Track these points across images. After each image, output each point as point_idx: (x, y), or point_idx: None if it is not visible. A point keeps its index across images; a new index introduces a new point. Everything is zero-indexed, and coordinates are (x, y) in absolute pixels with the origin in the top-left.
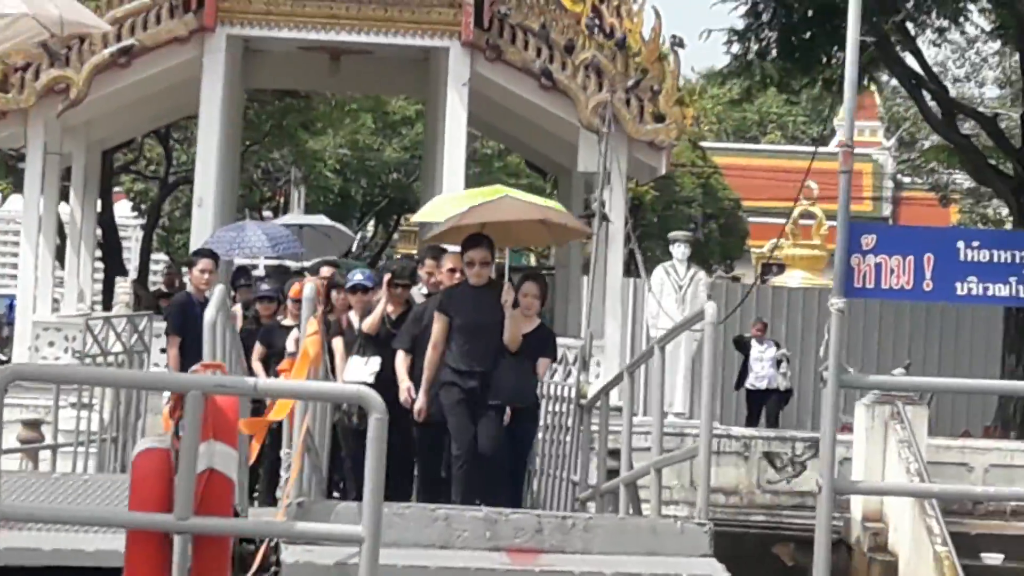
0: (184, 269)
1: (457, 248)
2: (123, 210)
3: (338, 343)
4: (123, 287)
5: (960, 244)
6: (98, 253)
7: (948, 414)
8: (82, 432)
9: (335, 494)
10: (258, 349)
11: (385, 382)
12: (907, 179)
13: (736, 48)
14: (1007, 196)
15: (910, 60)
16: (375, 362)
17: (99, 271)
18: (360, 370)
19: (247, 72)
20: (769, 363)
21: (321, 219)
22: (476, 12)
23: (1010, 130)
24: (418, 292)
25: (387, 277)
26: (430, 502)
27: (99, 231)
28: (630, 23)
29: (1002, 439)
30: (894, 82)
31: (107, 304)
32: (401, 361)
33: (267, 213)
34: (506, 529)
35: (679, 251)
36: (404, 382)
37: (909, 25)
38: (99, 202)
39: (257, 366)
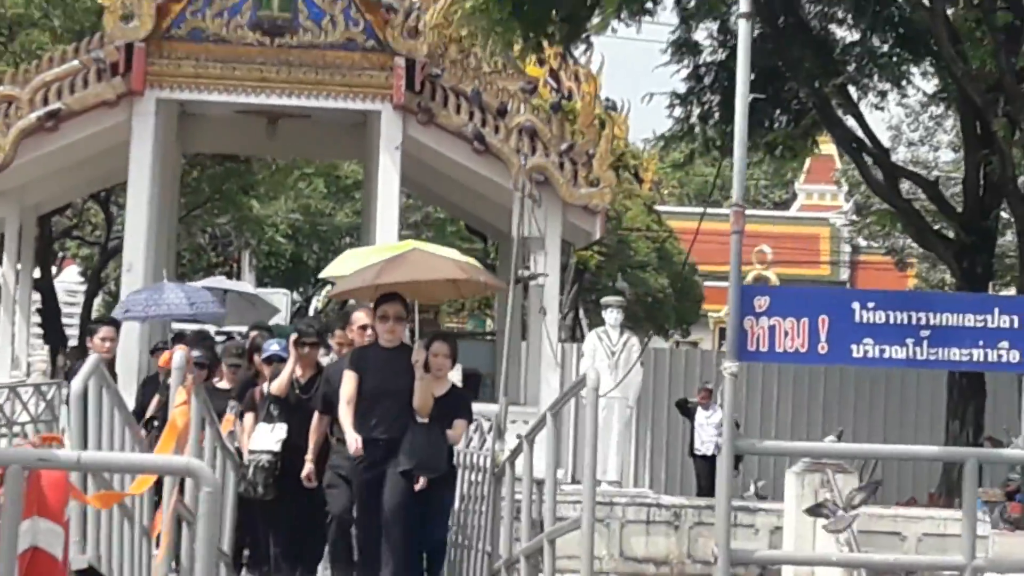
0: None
1: (367, 304)
2: (71, 276)
3: (248, 418)
4: (40, 355)
5: (855, 305)
6: (38, 319)
7: (893, 481)
8: None
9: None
10: None
11: (294, 449)
12: (864, 243)
13: (678, 112)
14: (950, 260)
15: (852, 123)
16: (281, 429)
17: (39, 337)
18: (266, 438)
19: (184, 136)
20: (715, 429)
21: (246, 286)
22: (408, 75)
23: (957, 195)
24: (328, 359)
25: (293, 337)
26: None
27: (38, 296)
28: (587, 87)
29: (946, 507)
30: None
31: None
32: (315, 425)
33: (219, 278)
34: None
35: (612, 316)
36: (308, 459)
37: (852, 88)
38: (38, 268)
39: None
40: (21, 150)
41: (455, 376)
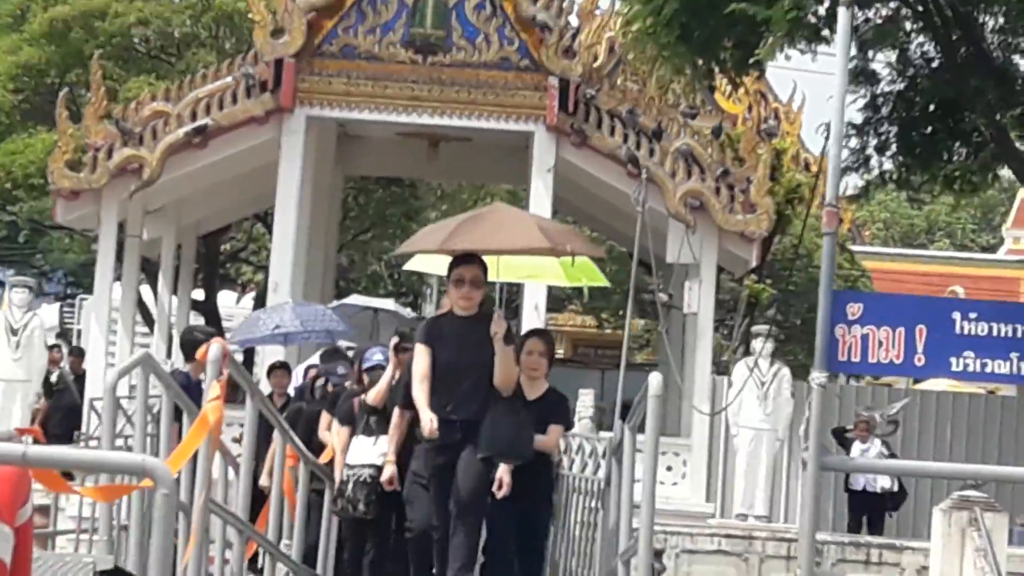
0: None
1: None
2: (247, 302)
3: (340, 431)
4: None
5: (956, 315)
6: None
7: None
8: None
9: None
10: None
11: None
12: None
13: (854, 143)
14: None
15: None
16: (384, 441)
17: None
18: (367, 451)
19: (345, 158)
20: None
21: (389, 303)
22: (561, 96)
23: None
24: None
25: (394, 342)
26: None
27: (199, 319)
28: (788, 125)
29: None
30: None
31: None
32: (395, 422)
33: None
34: None
35: (761, 345)
36: (389, 460)
37: None
38: (202, 290)
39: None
40: (169, 166)
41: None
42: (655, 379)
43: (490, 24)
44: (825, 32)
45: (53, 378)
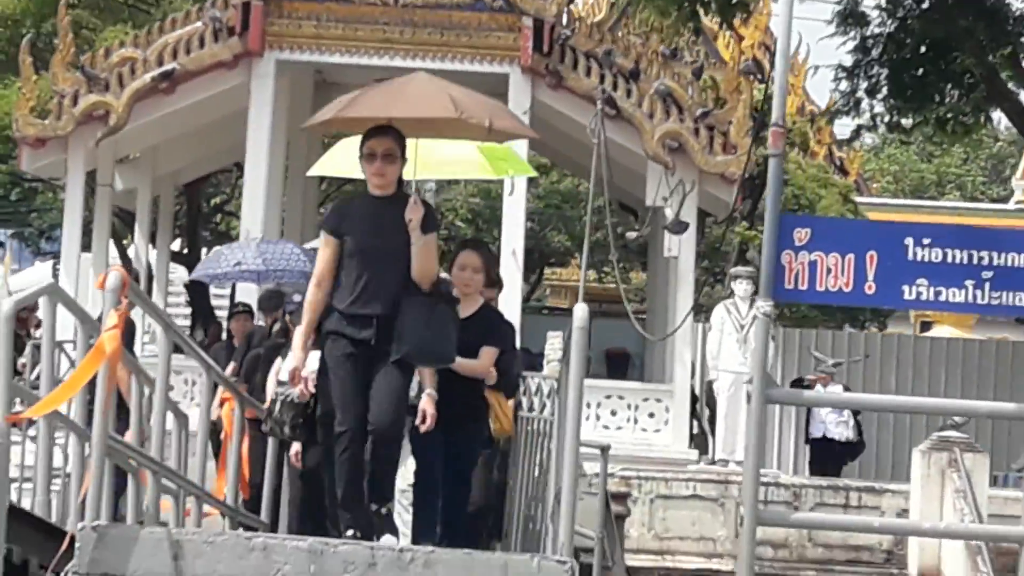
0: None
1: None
2: None
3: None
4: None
5: (908, 241)
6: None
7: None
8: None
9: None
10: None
11: None
12: None
13: (844, 86)
14: None
15: None
16: (315, 357)
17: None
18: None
19: (323, 105)
20: (832, 412)
21: None
22: (536, 37)
23: None
24: None
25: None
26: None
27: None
28: (793, 78)
29: None
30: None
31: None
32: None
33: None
34: (334, 563)
35: (741, 288)
36: (294, 364)
37: None
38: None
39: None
40: (136, 113)
41: None
42: (580, 310)
43: None
44: None
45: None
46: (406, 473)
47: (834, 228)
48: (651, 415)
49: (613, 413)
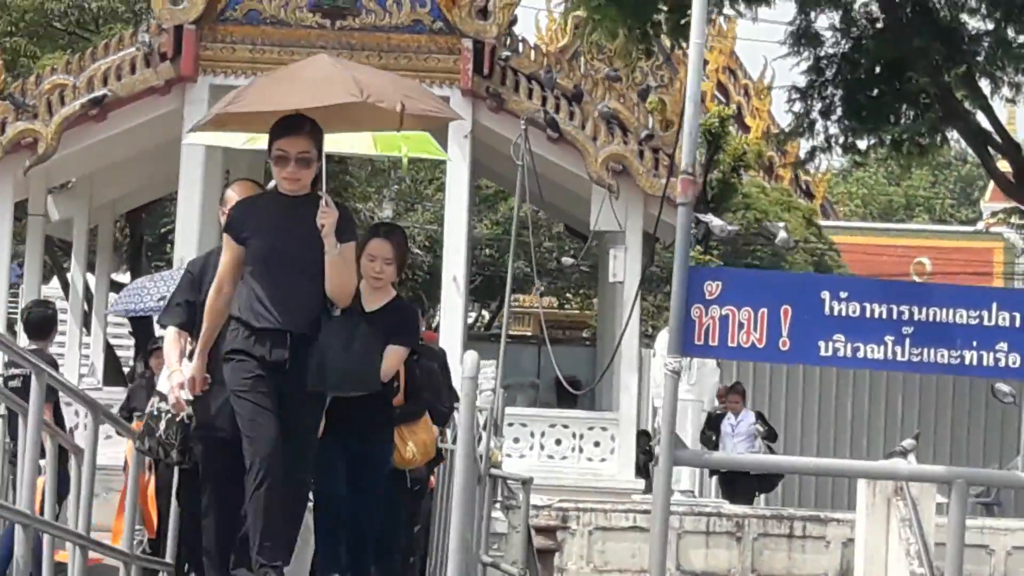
0: None
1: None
2: None
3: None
4: None
5: (825, 295)
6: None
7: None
8: None
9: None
10: None
11: None
12: None
13: (798, 107)
14: None
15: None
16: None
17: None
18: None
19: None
20: (744, 438)
21: None
22: (476, 59)
23: None
24: None
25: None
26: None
27: None
28: (758, 102)
29: None
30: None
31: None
32: (171, 342)
33: None
34: None
35: None
36: (174, 373)
37: (984, 81)
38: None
39: None
40: (67, 140)
41: None
42: (469, 358)
43: None
44: None
45: None
46: None
47: (746, 281)
48: (596, 444)
49: (558, 442)
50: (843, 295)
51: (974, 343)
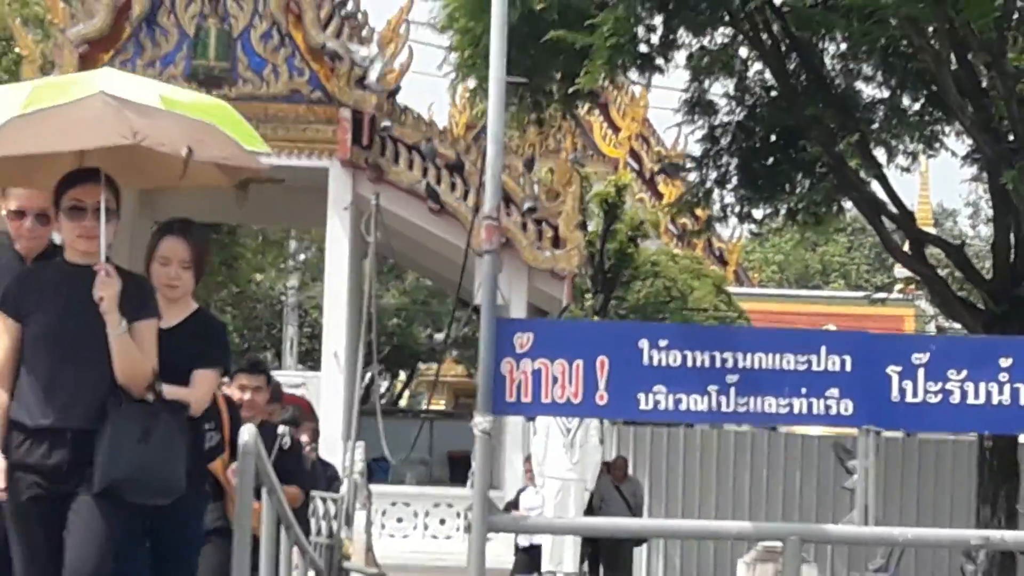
0: None
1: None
2: None
3: None
4: None
5: (643, 344)
6: None
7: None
8: None
9: None
10: None
11: None
12: (947, 324)
13: (694, 176)
14: (978, 331)
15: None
16: None
17: None
18: None
19: (152, 204)
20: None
21: None
22: (355, 129)
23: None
24: None
25: None
26: None
27: None
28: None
29: None
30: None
31: None
32: None
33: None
34: None
35: None
36: None
37: (880, 150)
38: None
39: None
40: None
41: None
42: (245, 433)
43: (278, 54)
44: (659, 61)
45: None
46: None
47: (559, 331)
48: (442, 522)
49: (442, 522)
50: (662, 343)
51: (803, 390)
